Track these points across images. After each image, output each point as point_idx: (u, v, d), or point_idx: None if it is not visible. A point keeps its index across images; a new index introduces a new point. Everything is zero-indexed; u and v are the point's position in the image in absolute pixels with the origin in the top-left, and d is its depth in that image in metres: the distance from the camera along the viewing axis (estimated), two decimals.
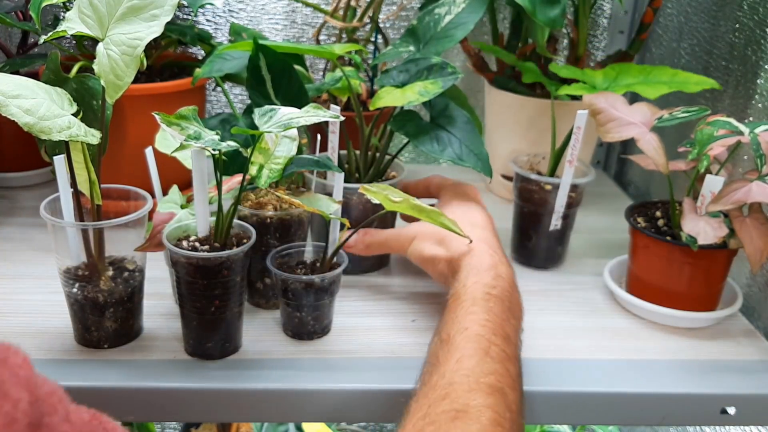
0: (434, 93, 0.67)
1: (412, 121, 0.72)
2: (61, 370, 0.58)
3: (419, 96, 0.67)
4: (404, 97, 0.68)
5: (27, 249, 0.79)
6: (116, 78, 0.55)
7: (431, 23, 0.75)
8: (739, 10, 0.83)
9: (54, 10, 1.03)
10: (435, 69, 0.69)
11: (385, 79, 0.71)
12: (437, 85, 0.67)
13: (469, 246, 0.64)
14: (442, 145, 0.70)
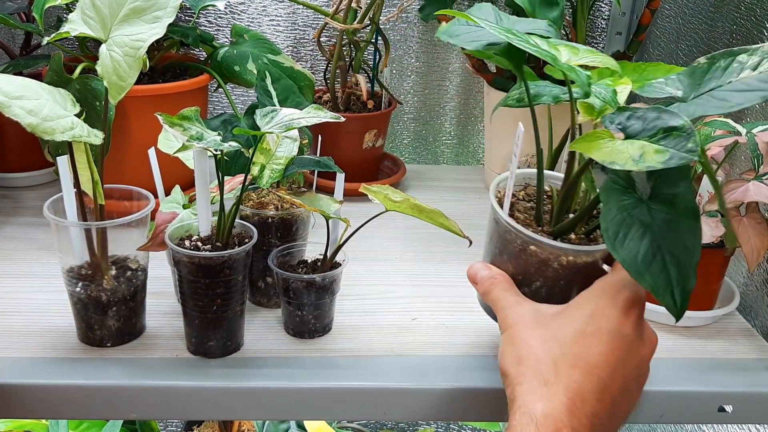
0: (651, 165, 0.45)
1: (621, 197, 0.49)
2: (64, 368, 0.59)
3: (634, 161, 0.46)
4: (620, 153, 0.47)
5: (30, 248, 0.79)
6: (119, 79, 0.56)
7: (719, 70, 0.55)
8: (736, 11, 0.83)
9: (57, 12, 1.04)
10: (673, 135, 0.47)
11: (610, 118, 0.51)
12: (661, 156, 0.46)
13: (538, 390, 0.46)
14: (632, 243, 0.47)
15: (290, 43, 1.12)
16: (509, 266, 0.56)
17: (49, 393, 0.58)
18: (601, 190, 0.49)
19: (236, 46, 0.93)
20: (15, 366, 0.59)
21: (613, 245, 0.46)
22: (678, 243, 0.47)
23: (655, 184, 0.50)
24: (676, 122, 0.48)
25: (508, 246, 0.55)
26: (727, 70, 0.54)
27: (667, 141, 0.47)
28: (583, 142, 0.50)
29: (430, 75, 1.15)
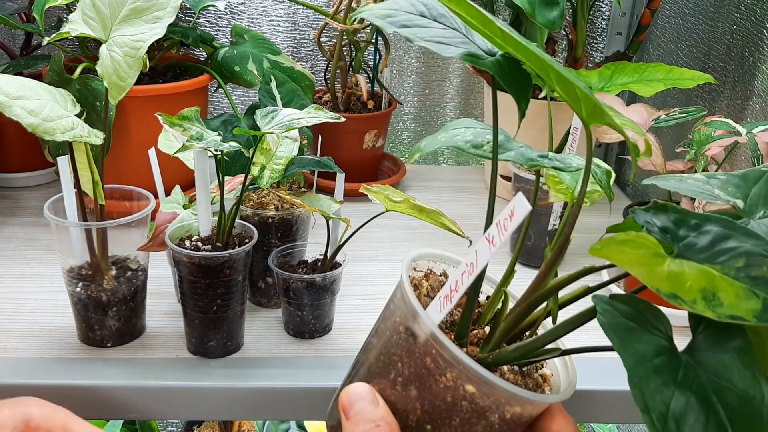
0: (737, 315, 0.30)
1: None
2: (65, 368, 0.59)
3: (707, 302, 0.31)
4: (682, 282, 0.32)
5: (31, 249, 0.79)
6: (119, 79, 0.56)
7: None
8: (736, 11, 0.83)
9: (57, 12, 1.04)
10: (762, 270, 0.32)
11: (648, 217, 0.37)
12: (752, 303, 0.31)
13: None
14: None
15: (290, 44, 1.12)
16: (413, 406, 0.38)
17: (50, 393, 0.57)
18: (608, 329, 0.34)
19: (236, 46, 0.93)
20: (15, 366, 0.59)
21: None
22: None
23: (697, 329, 0.35)
24: (761, 252, 0.32)
25: (424, 377, 0.37)
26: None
27: (755, 279, 0.31)
28: (618, 249, 0.34)
29: (430, 75, 1.16)
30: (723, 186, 0.41)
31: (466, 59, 0.39)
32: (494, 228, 0.36)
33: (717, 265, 0.33)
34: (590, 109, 0.35)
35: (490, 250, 0.36)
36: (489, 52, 0.40)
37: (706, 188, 0.41)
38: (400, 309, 0.39)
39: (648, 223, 0.36)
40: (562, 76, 0.34)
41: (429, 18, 0.41)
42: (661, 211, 0.36)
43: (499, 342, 0.40)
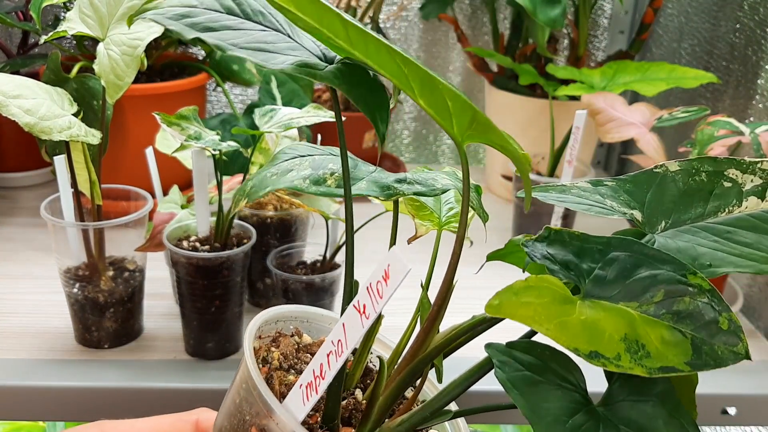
0: (668, 366, 0.26)
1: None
2: (62, 370, 0.58)
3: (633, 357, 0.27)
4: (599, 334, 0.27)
5: (27, 249, 0.79)
6: (117, 78, 0.55)
7: (698, 186, 0.36)
8: (739, 10, 0.83)
9: (54, 11, 1.03)
10: (685, 303, 0.28)
11: (541, 248, 0.32)
12: (679, 351, 0.27)
13: None
14: None
15: None
16: None
17: (47, 395, 0.57)
18: (510, 387, 0.28)
19: None
20: (12, 367, 0.58)
21: None
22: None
23: (612, 375, 0.31)
24: (678, 276, 0.28)
25: None
26: (714, 192, 0.35)
27: (678, 314, 0.27)
28: (520, 302, 0.28)
29: None
30: (614, 195, 0.36)
31: (298, 72, 0.30)
32: (365, 294, 0.28)
33: (634, 302, 0.28)
34: (466, 123, 0.29)
35: (362, 324, 0.28)
36: (324, 58, 0.32)
37: (596, 199, 0.36)
38: (250, 403, 0.32)
39: (547, 259, 0.31)
40: (427, 82, 0.27)
41: (241, 16, 0.32)
42: (558, 242, 0.32)
43: (380, 419, 0.34)
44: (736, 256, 0.32)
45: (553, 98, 0.85)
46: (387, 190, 0.35)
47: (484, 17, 1.11)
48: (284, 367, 0.36)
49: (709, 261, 0.32)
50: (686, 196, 0.35)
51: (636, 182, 0.36)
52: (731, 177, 0.35)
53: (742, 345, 0.26)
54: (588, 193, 0.36)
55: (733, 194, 0.35)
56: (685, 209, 0.35)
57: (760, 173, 0.35)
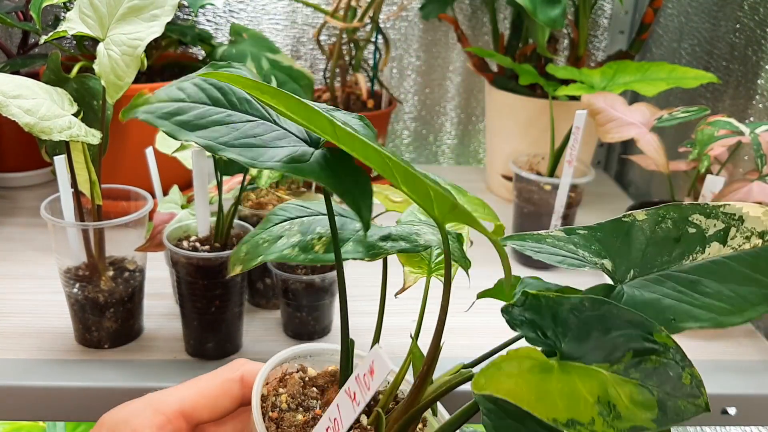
0: (638, 426, 0.27)
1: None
2: (62, 370, 0.58)
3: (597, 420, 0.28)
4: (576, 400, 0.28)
5: (27, 249, 0.79)
6: (117, 78, 0.55)
7: (664, 233, 0.37)
8: (739, 10, 0.83)
9: (54, 11, 1.03)
10: (651, 361, 0.30)
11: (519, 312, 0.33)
12: (647, 410, 0.28)
13: None
14: None
15: (289, 42, 1.11)
16: None
17: (47, 395, 0.57)
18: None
19: (235, 44, 0.92)
20: (12, 367, 0.58)
21: None
22: None
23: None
24: (645, 336, 0.30)
25: None
26: (679, 239, 0.36)
27: (644, 372, 0.29)
28: (503, 375, 0.29)
29: (430, 74, 1.15)
30: (586, 244, 0.37)
31: (286, 169, 0.31)
32: (354, 383, 0.31)
33: (606, 363, 0.29)
34: (446, 209, 0.31)
35: (354, 409, 0.31)
36: (310, 141, 0.34)
37: (569, 249, 0.37)
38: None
39: (525, 325, 0.32)
40: (409, 176, 0.29)
41: (227, 107, 0.32)
42: (534, 307, 0.32)
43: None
44: (698, 308, 0.34)
45: (553, 98, 0.85)
46: (372, 250, 0.36)
47: (484, 17, 1.11)
48: (292, 407, 0.38)
49: (673, 315, 0.34)
50: (653, 244, 0.37)
51: (606, 231, 0.37)
52: (695, 223, 0.37)
53: (702, 399, 0.28)
54: (562, 243, 0.37)
55: (696, 240, 0.36)
56: (652, 257, 0.36)
57: (722, 217, 0.37)
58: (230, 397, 0.40)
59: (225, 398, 0.40)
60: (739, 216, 0.36)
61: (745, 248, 0.35)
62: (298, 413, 0.38)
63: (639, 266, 0.36)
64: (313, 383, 0.40)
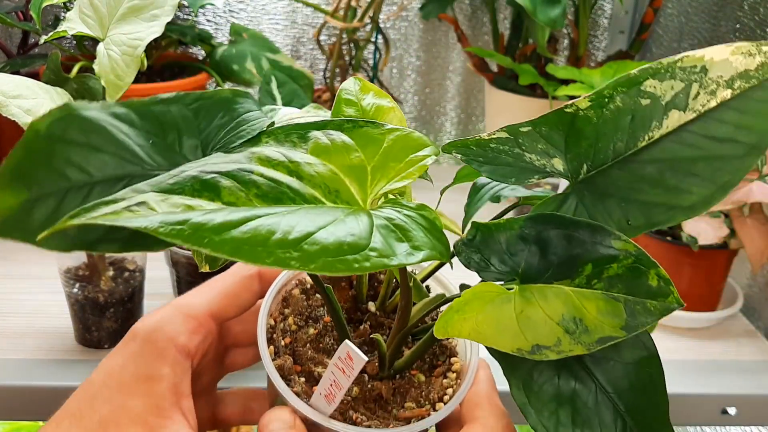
0: (606, 336, 0.27)
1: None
2: (62, 370, 0.58)
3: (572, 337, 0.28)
4: (535, 326, 0.28)
5: (27, 249, 0.78)
6: (117, 78, 0.55)
7: (616, 111, 0.31)
8: (739, 10, 0.83)
9: (54, 11, 1.03)
10: (611, 271, 0.28)
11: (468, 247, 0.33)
12: (614, 317, 0.28)
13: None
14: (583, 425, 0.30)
15: (289, 42, 1.11)
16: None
17: (46, 395, 0.57)
18: (509, 375, 0.30)
19: (235, 44, 0.92)
20: (12, 367, 0.58)
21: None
22: (644, 403, 0.30)
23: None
24: (604, 245, 0.28)
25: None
26: (633, 120, 0.30)
27: (609, 280, 0.28)
28: (455, 319, 0.30)
29: (430, 74, 1.15)
30: (532, 144, 0.32)
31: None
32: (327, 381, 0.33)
33: (566, 280, 0.28)
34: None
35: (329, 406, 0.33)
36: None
37: (516, 154, 0.32)
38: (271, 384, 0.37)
39: (479, 262, 0.31)
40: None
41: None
42: (486, 239, 0.31)
43: (392, 361, 0.37)
44: (656, 206, 0.30)
45: (553, 98, 0.85)
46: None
47: (484, 17, 1.11)
48: (301, 324, 0.40)
49: (631, 219, 0.30)
50: (603, 129, 0.31)
51: (550, 124, 0.32)
52: (648, 91, 0.30)
53: (672, 296, 0.27)
54: (508, 146, 0.33)
55: (652, 113, 0.30)
56: (604, 146, 0.31)
57: (680, 75, 0.31)
58: (251, 293, 0.41)
59: (246, 294, 0.41)
60: (701, 67, 0.31)
61: (710, 106, 0.30)
62: (309, 328, 0.40)
63: (591, 158, 0.31)
64: (314, 290, 0.42)
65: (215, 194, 0.25)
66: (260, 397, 0.46)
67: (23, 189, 0.27)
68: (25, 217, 0.28)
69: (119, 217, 0.23)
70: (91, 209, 0.24)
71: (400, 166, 0.31)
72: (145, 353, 0.36)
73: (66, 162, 0.27)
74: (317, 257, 0.24)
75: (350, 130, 0.30)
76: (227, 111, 0.34)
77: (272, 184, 0.27)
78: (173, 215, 0.23)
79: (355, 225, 0.26)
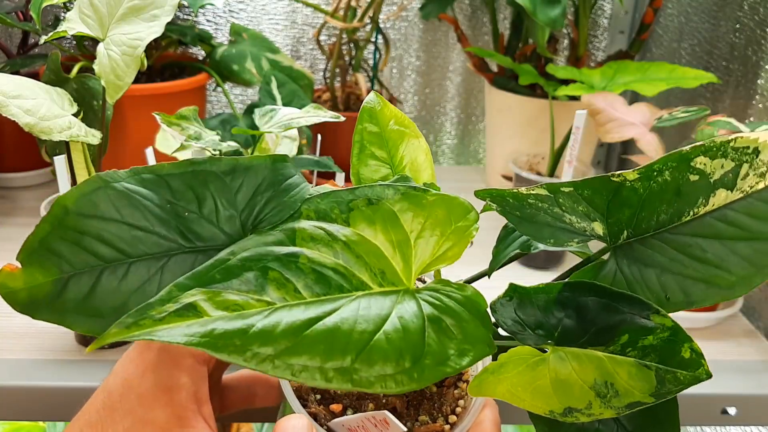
0: (635, 401, 0.28)
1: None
2: (62, 370, 0.58)
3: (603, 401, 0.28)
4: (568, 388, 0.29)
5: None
6: (117, 78, 0.55)
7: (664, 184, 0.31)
8: (739, 10, 0.83)
9: (54, 11, 1.03)
10: (648, 342, 0.29)
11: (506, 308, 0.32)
12: (645, 382, 0.28)
13: None
14: None
15: (289, 42, 1.11)
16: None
17: (47, 395, 0.57)
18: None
19: (235, 45, 0.92)
20: (12, 367, 0.58)
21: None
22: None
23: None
24: (641, 317, 0.28)
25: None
26: (680, 194, 0.30)
27: (643, 349, 0.28)
28: (497, 380, 0.29)
29: (430, 74, 1.15)
30: (572, 205, 0.32)
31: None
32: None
33: (601, 346, 0.28)
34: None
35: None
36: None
37: (555, 213, 0.32)
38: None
39: (516, 324, 0.30)
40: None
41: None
42: (524, 300, 0.30)
43: None
44: (695, 281, 0.30)
45: (553, 98, 0.85)
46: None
47: (484, 17, 1.11)
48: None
49: (669, 293, 0.30)
50: (648, 202, 0.31)
51: (593, 189, 0.31)
52: (698, 168, 0.30)
53: (702, 368, 0.28)
54: (546, 205, 0.32)
55: (699, 189, 0.30)
56: (647, 217, 0.31)
57: (731, 154, 0.29)
58: None
59: None
60: (753, 148, 0.29)
61: (758, 188, 0.29)
62: None
63: (632, 227, 0.31)
64: None
65: (261, 289, 0.26)
66: (262, 382, 0.47)
67: (53, 267, 0.26)
68: (57, 297, 0.26)
69: (169, 327, 0.23)
70: (138, 316, 0.24)
71: (445, 237, 0.31)
72: (162, 363, 0.36)
73: (99, 240, 0.27)
74: (375, 383, 0.26)
75: (392, 199, 0.30)
76: (265, 177, 0.32)
77: (319, 271, 0.27)
78: (228, 322, 0.24)
79: (406, 313, 0.27)
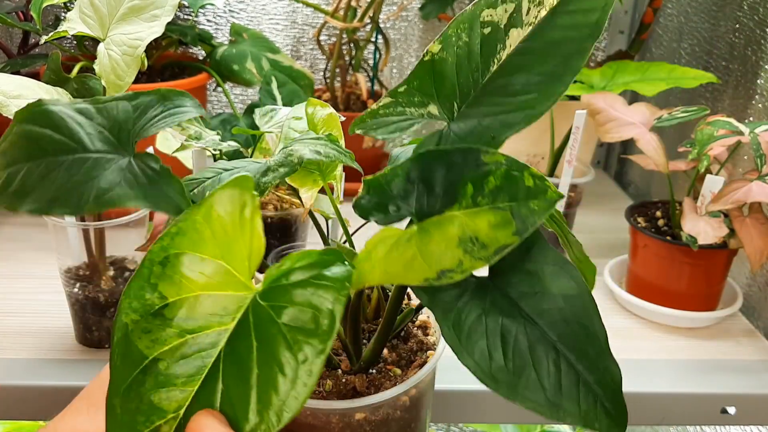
0: (503, 245, 0.29)
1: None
2: (62, 369, 0.58)
3: (470, 255, 0.29)
4: (433, 255, 0.30)
5: (28, 249, 0.79)
6: (117, 78, 0.55)
7: (469, 42, 0.34)
8: (739, 10, 0.83)
9: (55, 11, 1.03)
10: (490, 184, 0.30)
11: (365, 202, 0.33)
12: (504, 228, 0.29)
13: None
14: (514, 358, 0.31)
15: (290, 42, 1.11)
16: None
17: (47, 394, 0.57)
18: (440, 321, 0.31)
19: (235, 44, 0.92)
20: (12, 367, 0.58)
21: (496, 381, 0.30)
22: (577, 332, 0.31)
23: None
24: (476, 163, 0.30)
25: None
26: (481, 48, 0.33)
27: (493, 196, 0.29)
28: (367, 267, 0.30)
29: None
30: (410, 99, 0.37)
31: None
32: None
33: (455, 205, 0.30)
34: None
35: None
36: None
37: (399, 112, 0.37)
38: None
39: (374, 213, 0.32)
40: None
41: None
42: (377, 190, 0.32)
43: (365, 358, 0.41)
44: (512, 112, 0.33)
45: None
46: (258, 188, 0.38)
47: None
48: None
49: (492, 132, 0.33)
50: (460, 66, 0.34)
51: (419, 77, 0.36)
52: (488, 20, 0.33)
53: (550, 191, 0.29)
54: (392, 108, 0.37)
55: (495, 38, 0.33)
56: (465, 81, 0.34)
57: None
58: None
59: None
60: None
61: (542, 15, 0.32)
62: None
63: (458, 97, 0.35)
64: None
65: None
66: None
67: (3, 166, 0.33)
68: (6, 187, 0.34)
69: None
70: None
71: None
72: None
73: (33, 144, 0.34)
74: None
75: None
76: (159, 105, 0.39)
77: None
78: None
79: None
